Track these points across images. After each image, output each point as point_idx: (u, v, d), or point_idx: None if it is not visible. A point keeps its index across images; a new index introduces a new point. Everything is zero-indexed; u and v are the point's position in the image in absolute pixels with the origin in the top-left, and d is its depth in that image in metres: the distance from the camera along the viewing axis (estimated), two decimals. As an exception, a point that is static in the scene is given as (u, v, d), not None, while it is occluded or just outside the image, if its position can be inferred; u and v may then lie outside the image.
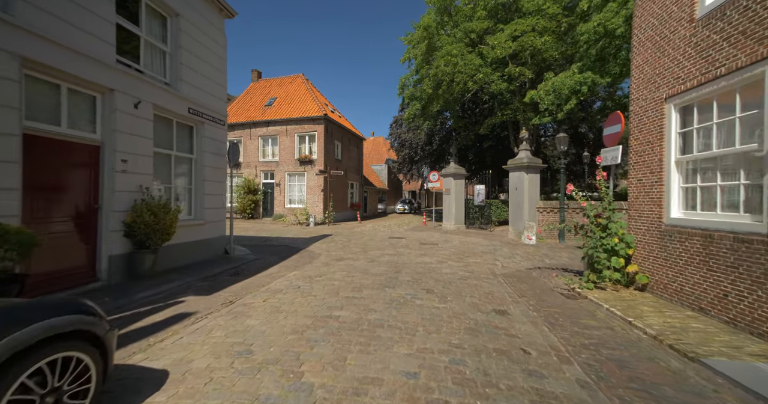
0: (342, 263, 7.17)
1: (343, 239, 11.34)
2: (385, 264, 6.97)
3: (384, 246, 9.57)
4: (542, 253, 8.53)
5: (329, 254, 8.38)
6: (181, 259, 6.49)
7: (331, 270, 6.43)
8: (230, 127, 19.65)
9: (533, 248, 9.43)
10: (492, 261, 7.48)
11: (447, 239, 11.40)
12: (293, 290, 4.98)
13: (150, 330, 3.47)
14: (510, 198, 11.59)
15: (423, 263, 7.10)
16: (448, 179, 14.75)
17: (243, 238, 11.39)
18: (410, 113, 16.50)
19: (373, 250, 8.86)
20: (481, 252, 8.64)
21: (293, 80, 21.71)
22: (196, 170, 7.25)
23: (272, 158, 19.14)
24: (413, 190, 45.10)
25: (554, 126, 22.91)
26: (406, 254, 8.19)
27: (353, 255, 8.09)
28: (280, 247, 9.60)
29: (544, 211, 10.96)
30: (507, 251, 8.88)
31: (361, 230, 14.49)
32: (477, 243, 10.31)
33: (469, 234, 12.82)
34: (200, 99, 7.12)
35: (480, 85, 12.47)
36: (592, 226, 5.51)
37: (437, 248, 9.20)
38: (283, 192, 18.73)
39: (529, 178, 10.99)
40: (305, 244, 10.07)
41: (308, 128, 18.20)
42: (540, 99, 10.68)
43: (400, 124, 26.84)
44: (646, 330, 3.53)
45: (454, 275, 6.12)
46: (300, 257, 8.07)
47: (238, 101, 21.50)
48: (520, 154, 11.32)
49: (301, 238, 11.54)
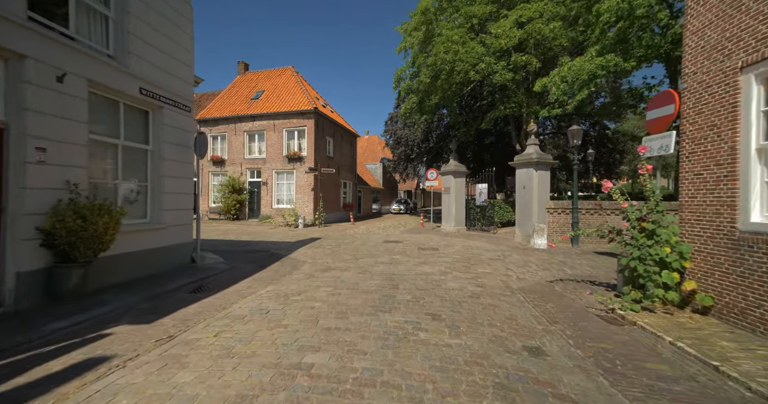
0: (328, 274, 6.04)
1: (332, 243, 10.20)
2: (378, 276, 5.86)
3: (378, 252, 8.46)
4: (558, 260, 7.50)
5: (315, 262, 7.25)
6: (129, 272, 5.30)
7: (314, 285, 5.30)
8: (214, 122, 18.40)
9: (546, 254, 8.40)
10: (504, 271, 6.42)
11: (448, 243, 10.33)
12: (259, 316, 3.84)
13: (33, 391, 2.32)
14: (517, 198, 10.58)
15: (424, 275, 6.01)
16: (447, 178, 13.70)
17: (221, 243, 10.19)
18: (407, 108, 15.42)
19: (366, 257, 7.75)
20: (489, 259, 7.59)
21: (282, 73, 20.48)
22: (154, 163, 6.06)
23: (259, 154, 17.90)
24: (409, 189, 44.08)
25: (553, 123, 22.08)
26: (404, 263, 7.09)
27: (342, 264, 6.96)
28: (260, 253, 8.43)
29: (555, 212, 9.95)
30: (518, 257, 7.84)
31: (354, 233, 13.36)
32: (482, 248, 9.26)
33: (471, 237, 11.78)
34: (157, 79, 5.93)
35: (483, 76, 11.43)
36: (635, 232, 4.48)
37: (438, 255, 8.12)
38: (270, 191, 17.51)
39: (539, 175, 9.98)
40: (289, 249, 8.91)
41: (297, 123, 17.01)
42: (555, 85, 9.67)
43: (395, 121, 25.76)
44: (750, 384, 2.48)
45: (463, 290, 5.04)
46: (280, 266, 6.92)
47: (223, 94, 20.20)
48: (528, 149, 10.30)
49: (287, 242, 10.38)
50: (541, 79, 10.37)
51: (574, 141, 9.37)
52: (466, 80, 12.15)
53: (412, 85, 15.30)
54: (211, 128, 18.54)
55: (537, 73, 13.87)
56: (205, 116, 18.52)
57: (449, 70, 11.72)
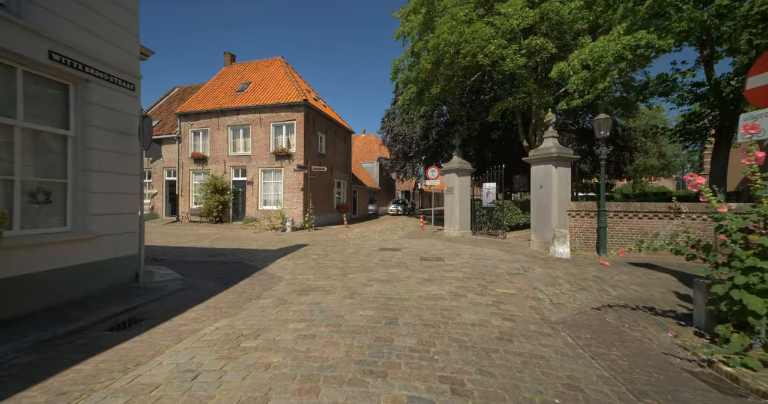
0: (306, 299, 4.64)
1: (320, 251, 8.79)
2: (371, 303, 4.46)
3: (372, 264, 7.07)
4: (592, 275, 6.15)
5: (294, 278, 5.84)
6: (33, 300, 3.87)
7: (283, 318, 3.90)
8: (195, 116, 16.91)
9: (573, 266, 7.06)
10: (531, 292, 5.05)
11: (454, 250, 8.96)
12: (177, 390, 2.43)
13: None
14: (533, 199, 9.24)
15: (430, 300, 4.62)
16: (450, 176, 12.34)
17: (191, 251, 8.74)
18: (405, 99, 14.02)
19: (357, 272, 6.35)
20: (507, 274, 6.22)
21: (271, 64, 19.04)
22: (76, 154, 4.63)
23: (244, 151, 16.44)
24: (407, 190, 42.75)
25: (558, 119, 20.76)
26: (404, 280, 5.70)
27: (326, 282, 5.56)
28: (231, 265, 7.01)
29: (577, 215, 8.62)
30: (541, 271, 6.48)
31: (347, 238, 11.95)
32: (494, 258, 7.90)
33: (478, 243, 10.42)
34: (81, 43, 4.50)
35: (492, 60, 10.07)
36: (736, 247, 3.13)
37: (445, 267, 6.75)
38: (256, 192, 16.05)
39: (559, 173, 8.64)
40: (267, 260, 7.49)
41: (285, 117, 15.57)
42: (574, 70, 8.34)
43: (393, 117, 24.39)
44: None
45: (487, 327, 3.66)
46: (249, 284, 5.51)
47: (207, 87, 18.71)
48: (545, 142, 8.96)
49: (267, 250, 8.95)
50: (557, 64, 9.03)
51: (601, 133, 8.04)
52: (473, 65, 10.78)
53: (411, 75, 13.92)
54: (192, 122, 17.05)
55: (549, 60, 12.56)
56: (185, 110, 17.04)
57: (454, 53, 10.34)
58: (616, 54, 7.57)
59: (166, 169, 17.86)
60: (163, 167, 17.83)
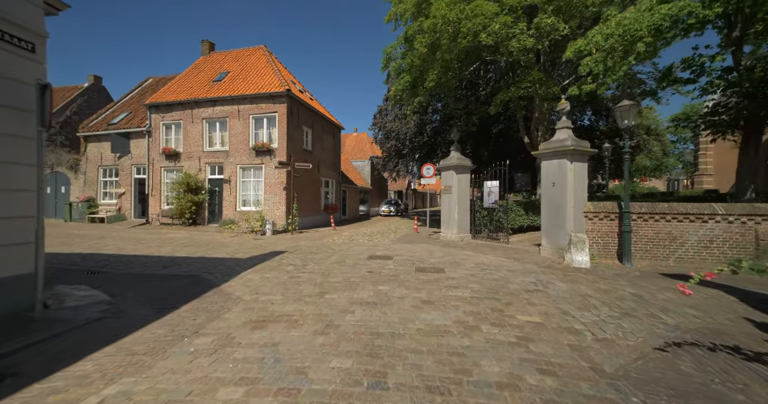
0: (260, 337, 3.34)
1: (298, 260, 7.48)
2: (351, 344, 3.19)
3: (358, 278, 5.80)
4: (628, 292, 5.00)
5: (254, 301, 4.53)
6: None
7: (213, 377, 2.60)
8: (167, 107, 15.36)
9: (598, 278, 5.91)
10: (563, 320, 3.85)
11: (454, 258, 7.76)
12: None
13: None
14: (543, 198, 8.09)
15: (433, 337, 3.37)
16: (448, 174, 11.15)
17: (140, 261, 7.31)
18: (397, 89, 12.81)
19: (338, 290, 5.07)
20: (524, 291, 5.02)
21: (253, 53, 17.58)
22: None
23: (221, 146, 14.96)
24: (400, 190, 41.59)
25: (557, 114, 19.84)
26: (396, 303, 4.44)
27: (295, 307, 4.26)
28: (181, 281, 5.64)
29: (595, 217, 7.50)
30: (564, 286, 5.30)
31: (332, 243, 10.65)
32: (503, 267, 6.71)
33: (480, 248, 9.24)
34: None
35: (496, 40, 8.92)
36: None
37: (447, 282, 5.52)
38: (234, 191, 14.59)
39: (575, 169, 7.51)
40: (230, 273, 6.14)
41: (266, 108, 14.16)
42: (597, 47, 7.21)
43: (385, 114, 23.15)
44: None
45: (522, 393, 2.42)
46: (191, 312, 4.17)
47: (181, 77, 17.15)
48: (558, 134, 7.83)
49: (235, 259, 7.59)
50: (574, 43, 7.90)
51: (625, 122, 6.93)
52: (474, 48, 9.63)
53: (404, 63, 12.72)
54: (164, 115, 15.49)
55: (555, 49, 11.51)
56: (156, 101, 15.46)
57: (453, 33, 9.15)
58: (652, 26, 6.43)
59: (135, 166, 16.24)
60: (131, 164, 16.20)
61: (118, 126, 16.35)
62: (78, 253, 8.07)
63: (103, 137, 16.56)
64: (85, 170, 16.95)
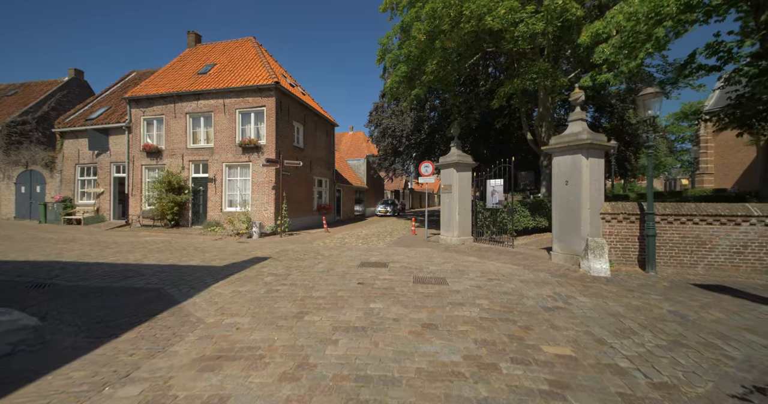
0: (207, 384, 2.50)
1: (280, 268, 6.63)
2: (327, 394, 2.36)
3: (347, 292, 4.97)
4: (666, 310, 4.21)
5: (216, 325, 3.68)
6: None
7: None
8: (147, 101, 14.41)
9: (625, 291, 5.12)
10: (600, 353, 3.05)
11: (457, 265, 6.95)
12: None
13: None
14: (554, 198, 7.31)
15: (439, 382, 2.55)
16: (448, 172, 10.35)
17: (100, 269, 6.40)
18: (394, 81, 11.99)
19: (321, 309, 4.23)
20: (543, 308, 4.22)
21: (241, 44, 16.66)
22: None
23: (205, 143, 14.03)
24: (396, 189, 40.81)
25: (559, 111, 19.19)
26: (391, 328, 3.61)
27: (264, 335, 3.42)
28: (137, 297, 4.77)
29: (613, 219, 6.73)
30: (588, 302, 4.50)
31: (322, 247, 9.81)
32: (513, 277, 5.92)
33: (484, 253, 8.45)
34: None
35: (503, 25, 8.13)
36: None
37: (451, 297, 4.70)
38: (219, 190, 13.68)
39: (591, 165, 6.74)
40: (198, 286, 5.28)
41: (253, 102, 13.26)
42: (618, 29, 6.46)
43: (381, 110, 22.33)
44: None
45: None
46: (133, 342, 3.31)
47: (165, 69, 16.19)
48: (572, 126, 7.06)
49: (210, 267, 6.72)
50: (590, 26, 7.14)
51: (648, 112, 6.16)
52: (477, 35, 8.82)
53: (401, 53, 11.91)
54: (144, 109, 14.52)
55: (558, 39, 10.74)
56: (136, 94, 14.49)
57: (455, 18, 8.34)
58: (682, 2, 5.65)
59: (115, 164, 15.25)
60: (110, 162, 15.21)
61: (96, 122, 15.35)
62: (32, 261, 7.15)
63: (81, 134, 15.55)
64: (61, 168, 15.93)
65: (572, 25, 8.66)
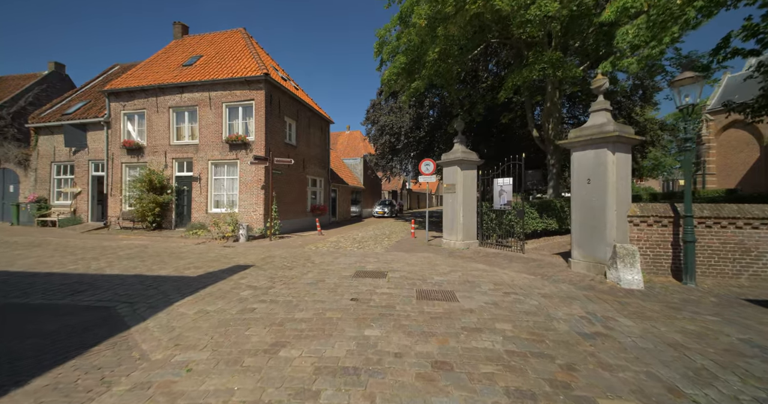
0: None
1: (262, 280, 5.74)
2: None
3: (337, 312, 4.10)
4: (734, 337, 3.39)
5: (161, 367, 2.79)
6: None
7: None
8: (128, 95, 13.44)
9: (670, 308, 4.30)
10: (683, 412, 2.21)
11: (465, 275, 6.11)
12: None
13: None
14: (574, 198, 6.49)
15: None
16: (451, 170, 9.52)
17: (50, 281, 5.46)
18: (391, 72, 11.15)
19: (302, 338, 3.35)
20: (581, 336, 3.38)
21: (230, 36, 15.74)
22: None
23: (190, 139, 13.09)
24: (394, 189, 39.97)
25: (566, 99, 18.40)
26: (391, 369, 2.75)
27: (220, 385, 2.53)
28: (76, 320, 3.86)
29: (642, 223, 5.92)
30: (634, 326, 3.67)
31: (313, 253, 8.92)
32: (532, 290, 5.08)
33: (492, 259, 7.61)
34: None
35: (513, 6, 7.34)
36: None
37: (463, 320, 3.85)
38: (205, 190, 12.74)
39: (617, 161, 5.92)
40: (156, 305, 4.38)
41: (241, 95, 12.35)
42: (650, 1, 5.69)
43: (378, 108, 21.46)
44: None
45: None
46: (32, 398, 2.40)
47: (148, 61, 15.22)
48: (595, 117, 6.24)
49: (181, 278, 5.81)
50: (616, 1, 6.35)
51: (687, 100, 5.35)
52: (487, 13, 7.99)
53: (399, 45, 11.09)
54: (125, 103, 13.55)
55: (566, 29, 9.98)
56: (116, 87, 13.52)
57: None
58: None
59: (93, 162, 14.25)
60: (88, 160, 14.20)
61: (73, 116, 14.34)
62: (-25, 270, 6.20)
63: (57, 129, 14.53)
64: (36, 166, 14.89)
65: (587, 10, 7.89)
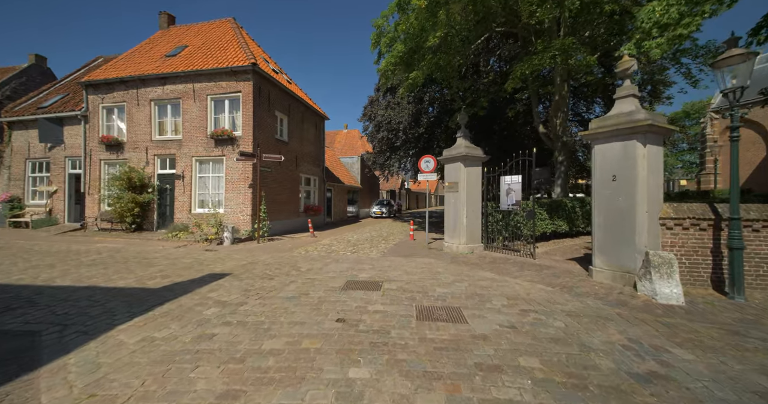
0: None
1: (235, 293, 4.90)
2: None
3: (316, 342, 3.27)
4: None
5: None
6: None
7: None
8: (107, 87, 12.56)
9: (728, 332, 3.50)
10: None
11: (472, 286, 5.29)
12: None
13: None
14: (596, 198, 5.69)
15: None
16: (454, 167, 8.71)
17: None
18: (389, 62, 10.34)
19: (264, 385, 2.51)
20: (633, 378, 2.57)
21: (219, 26, 14.87)
22: None
23: (173, 134, 12.22)
24: (392, 189, 39.14)
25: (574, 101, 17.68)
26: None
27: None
28: (-17, 352, 3.01)
29: (677, 226, 5.12)
30: (699, 362, 2.86)
31: (302, 258, 8.09)
32: (555, 309, 4.28)
33: (501, 266, 6.80)
34: None
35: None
36: None
37: (477, 352, 3.04)
38: (188, 189, 11.87)
39: (648, 154, 5.12)
40: (92, 330, 3.54)
41: (227, 87, 11.50)
42: None
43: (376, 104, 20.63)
44: None
45: None
46: None
47: (131, 52, 14.33)
48: (619, 105, 5.45)
49: (139, 291, 4.96)
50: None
51: (733, 81, 4.56)
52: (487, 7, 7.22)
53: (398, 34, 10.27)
54: (103, 95, 12.66)
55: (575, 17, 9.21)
56: (94, 78, 12.63)
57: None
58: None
59: (70, 159, 13.35)
60: (65, 156, 13.31)
61: (49, 110, 13.44)
62: None
63: (32, 124, 13.62)
64: (9, 163, 13.97)
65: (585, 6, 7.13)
